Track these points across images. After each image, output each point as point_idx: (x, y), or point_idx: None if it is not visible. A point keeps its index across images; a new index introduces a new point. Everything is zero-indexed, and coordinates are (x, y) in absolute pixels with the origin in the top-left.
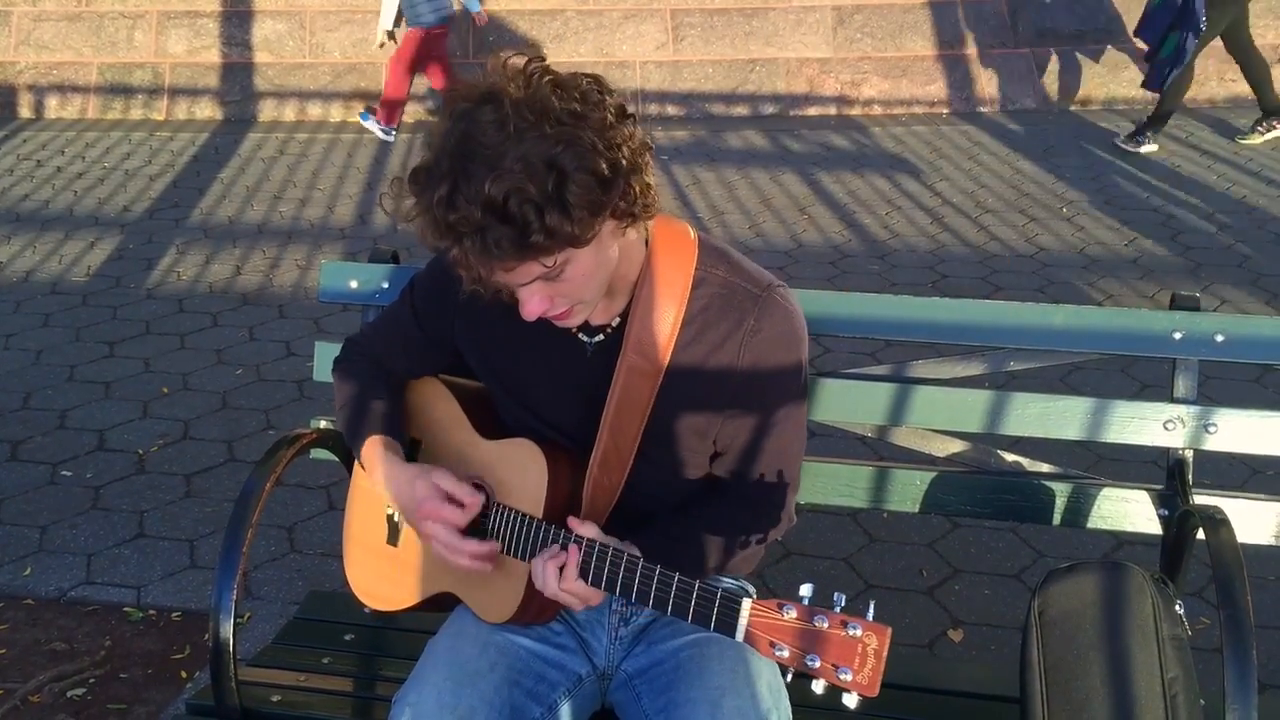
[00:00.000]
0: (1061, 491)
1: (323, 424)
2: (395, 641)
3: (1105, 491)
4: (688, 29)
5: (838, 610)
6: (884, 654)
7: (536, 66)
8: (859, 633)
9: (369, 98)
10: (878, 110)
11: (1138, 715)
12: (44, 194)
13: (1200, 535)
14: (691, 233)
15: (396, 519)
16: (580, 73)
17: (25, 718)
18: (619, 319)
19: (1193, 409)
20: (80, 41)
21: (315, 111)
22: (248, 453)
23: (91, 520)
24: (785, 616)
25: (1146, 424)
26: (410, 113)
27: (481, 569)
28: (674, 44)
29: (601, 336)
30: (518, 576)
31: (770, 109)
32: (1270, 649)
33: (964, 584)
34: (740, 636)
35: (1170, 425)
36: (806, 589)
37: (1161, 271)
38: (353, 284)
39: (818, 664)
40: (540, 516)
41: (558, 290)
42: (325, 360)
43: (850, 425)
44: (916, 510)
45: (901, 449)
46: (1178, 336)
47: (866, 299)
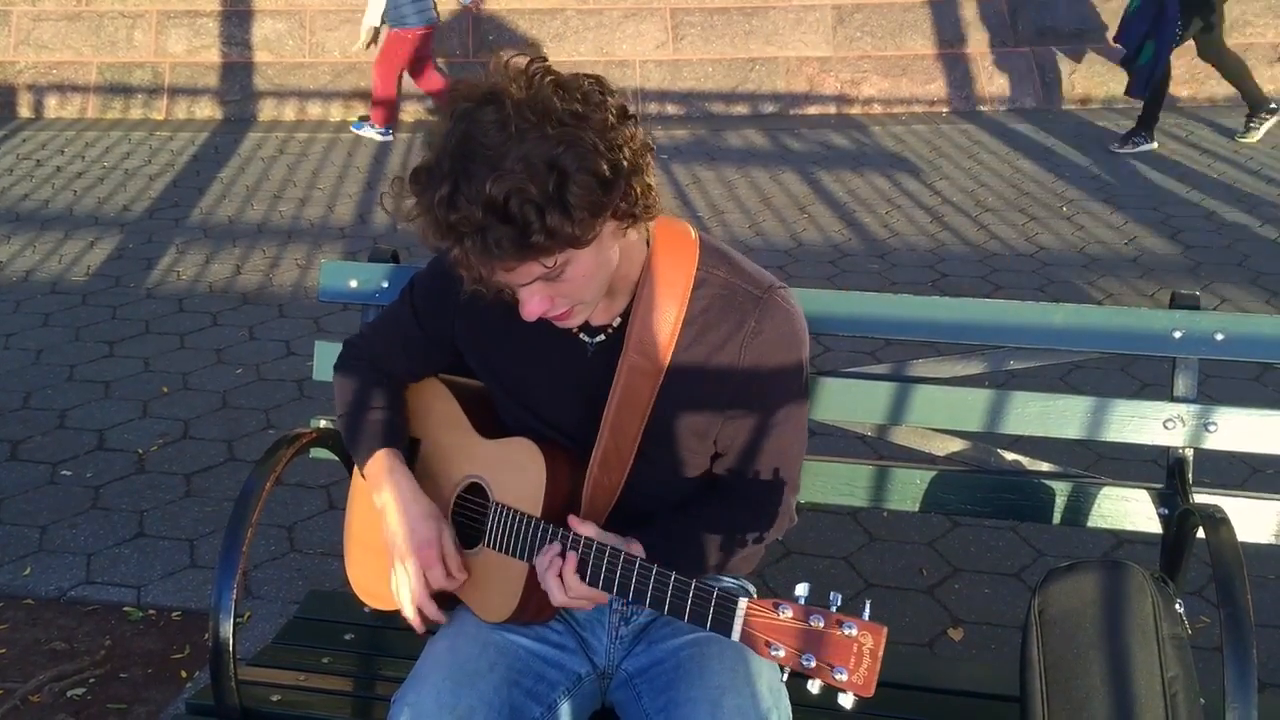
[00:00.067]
0: (1061, 490)
1: (322, 423)
2: (395, 641)
3: (1105, 490)
4: (688, 28)
5: (834, 610)
6: (880, 654)
7: (538, 67)
8: (854, 632)
9: (369, 97)
10: (878, 109)
11: (1138, 714)
12: (43, 193)
13: (1200, 534)
14: (692, 233)
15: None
16: (582, 73)
17: (25, 717)
18: (620, 319)
19: (1193, 408)
20: (80, 41)
21: (315, 111)
22: (248, 452)
23: (91, 520)
24: (781, 616)
25: (1146, 423)
26: (410, 112)
27: (417, 624)
28: (674, 43)
29: (603, 337)
30: (516, 576)
31: (770, 108)
32: (1270, 648)
33: (964, 583)
34: (736, 636)
35: (1170, 424)
36: (802, 588)
37: (1161, 270)
38: (352, 283)
39: (813, 663)
40: (539, 516)
41: (558, 291)
42: (325, 360)
43: (850, 424)
44: (916, 509)
45: (901, 448)
46: (1178, 335)
47: (866, 298)
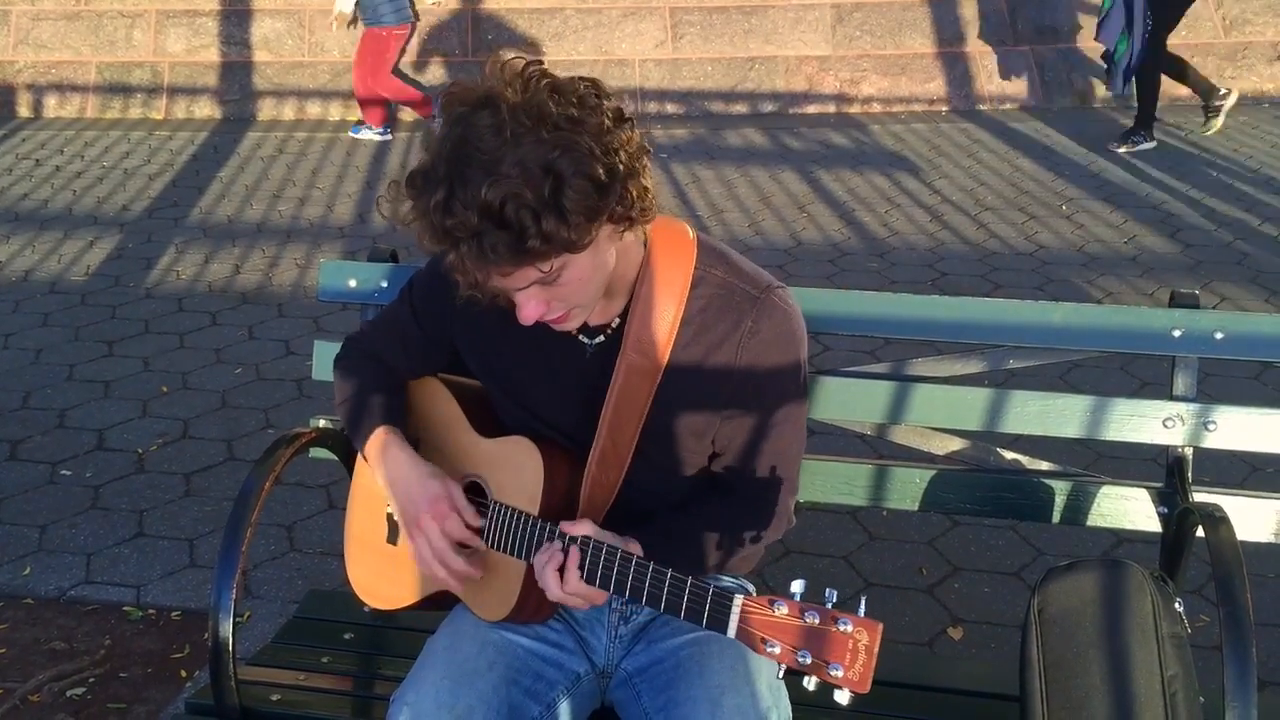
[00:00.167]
0: (1061, 489)
1: (322, 423)
2: (394, 640)
3: (1105, 489)
4: (687, 27)
5: (829, 606)
6: (875, 650)
7: (534, 70)
8: (850, 629)
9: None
10: (877, 108)
11: (1137, 713)
12: (43, 193)
13: (1200, 533)
14: (690, 232)
15: (396, 518)
16: (578, 77)
17: (25, 717)
18: (618, 320)
19: (1192, 406)
20: (79, 40)
21: (314, 110)
22: (247, 452)
23: (91, 519)
24: (777, 613)
25: (1146, 421)
26: (408, 111)
27: (454, 586)
28: (673, 42)
29: (601, 338)
30: (514, 574)
31: (769, 107)
32: (1270, 646)
33: (964, 582)
34: (732, 633)
35: (1170, 423)
36: (798, 585)
37: (1161, 269)
38: (352, 283)
39: (809, 660)
40: (537, 514)
41: (555, 294)
42: (324, 359)
43: (849, 423)
44: (916, 508)
45: (901, 447)
46: (1177, 334)
47: (866, 297)
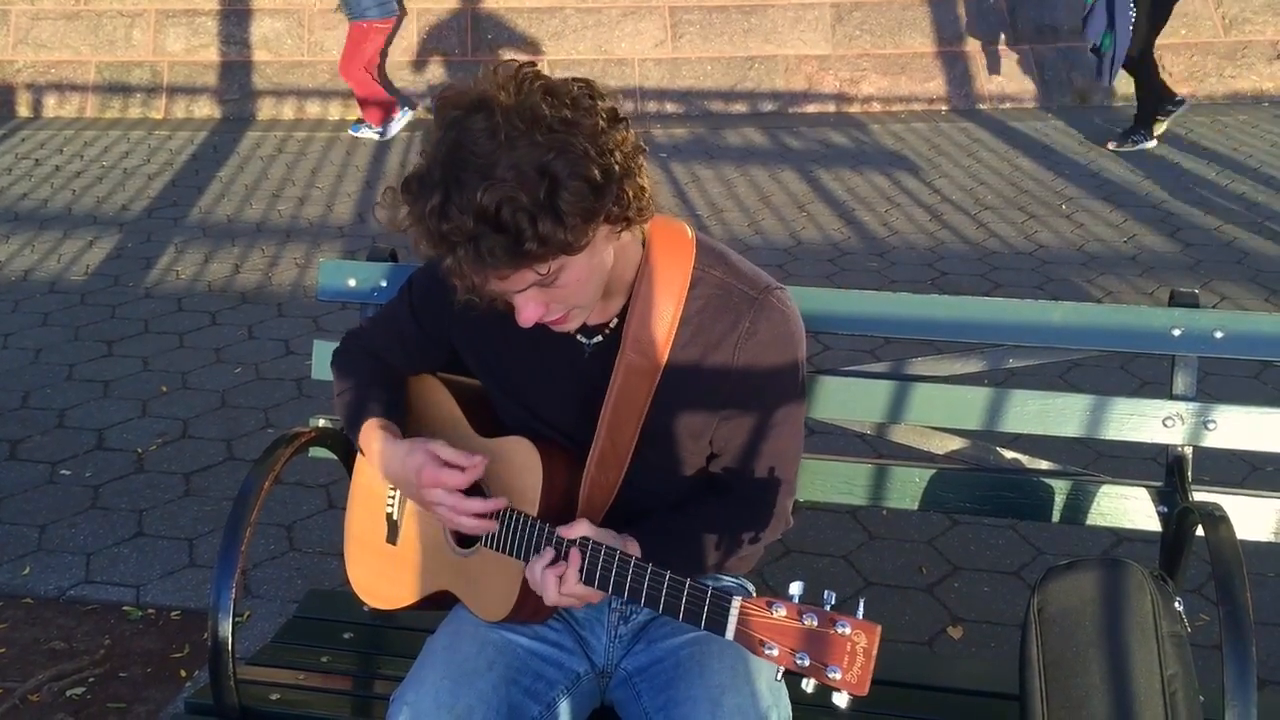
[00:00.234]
0: (1061, 488)
1: (321, 422)
2: (394, 640)
3: (1104, 488)
4: (686, 26)
5: (828, 608)
6: (873, 652)
7: (527, 72)
8: (848, 631)
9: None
10: (877, 107)
11: (1137, 712)
12: (42, 193)
13: (1200, 532)
14: (689, 232)
15: (396, 517)
16: (571, 78)
17: (25, 717)
18: (617, 320)
19: (1192, 405)
20: (78, 40)
21: (314, 110)
22: (247, 451)
23: (90, 519)
24: (775, 615)
25: (1146, 421)
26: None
27: (488, 527)
28: (673, 41)
29: (600, 338)
30: (513, 574)
31: (769, 106)
32: (1270, 645)
33: (963, 581)
34: (730, 635)
35: (1169, 422)
36: (796, 587)
37: (1160, 268)
38: (351, 282)
39: (807, 662)
40: (535, 515)
41: (553, 296)
42: (324, 358)
43: (849, 423)
44: (916, 507)
45: (901, 446)
46: (1177, 333)
47: (866, 296)
